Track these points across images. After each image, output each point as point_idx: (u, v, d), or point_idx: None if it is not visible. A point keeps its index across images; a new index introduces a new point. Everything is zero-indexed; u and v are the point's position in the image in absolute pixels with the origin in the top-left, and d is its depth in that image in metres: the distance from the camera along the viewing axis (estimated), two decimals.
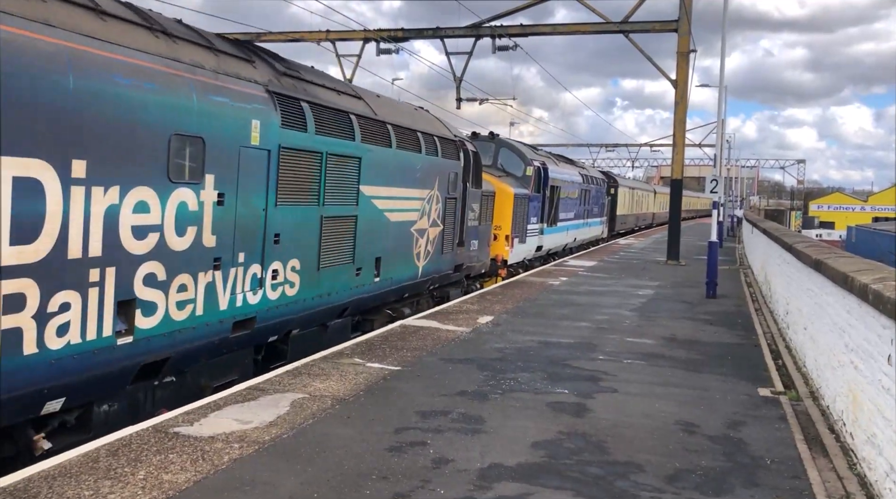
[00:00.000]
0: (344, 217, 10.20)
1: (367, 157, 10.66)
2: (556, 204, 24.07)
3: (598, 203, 32.74)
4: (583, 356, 9.69)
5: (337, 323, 10.72)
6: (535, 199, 21.62)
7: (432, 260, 13.70)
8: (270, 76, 8.85)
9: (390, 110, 12.23)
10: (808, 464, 6.02)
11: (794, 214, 74.32)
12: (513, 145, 21.76)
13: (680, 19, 23.47)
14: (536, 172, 21.48)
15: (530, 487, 5.29)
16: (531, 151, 22.66)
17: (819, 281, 8.63)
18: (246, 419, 6.46)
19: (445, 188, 13.98)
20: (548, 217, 23.18)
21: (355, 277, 10.67)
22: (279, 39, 28.30)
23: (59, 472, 5.14)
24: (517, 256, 20.32)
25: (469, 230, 15.79)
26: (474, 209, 16.06)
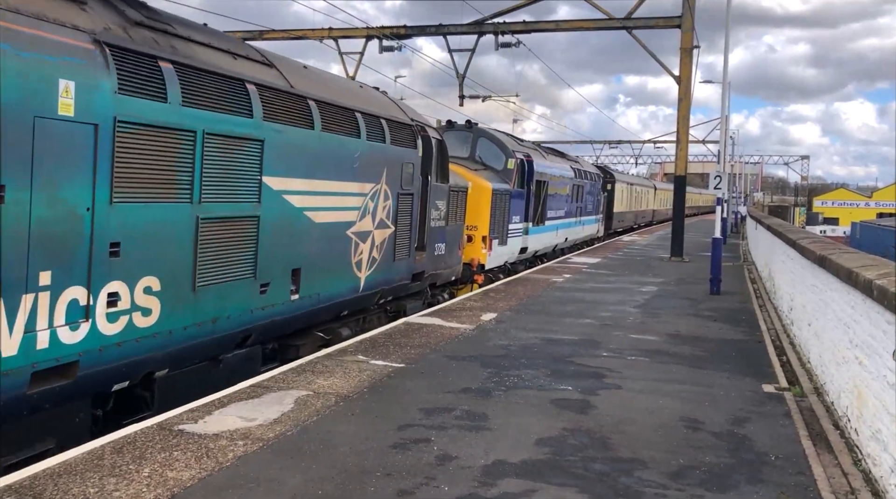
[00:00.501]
0: (237, 218, 7.72)
1: (275, 139, 8.23)
2: (544, 201, 21.72)
3: (592, 200, 30.40)
4: (587, 353, 9.68)
5: (237, 355, 8.31)
6: (519, 195, 19.43)
7: (380, 269, 11.26)
8: (109, 23, 6.36)
9: (317, 84, 9.80)
10: (812, 460, 6.01)
11: (797, 210, 74.16)
12: (493, 136, 19.43)
13: (683, 15, 23.43)
14: (519, 165, 19.35)
15: (534, 483, 5.29)
16: (514, 143, 20.43)
17: (823, 277, 8.61)
18: (250, 417, 6.48)
19: (398, 182, 11.55)
20: (534, 215, 20.80)
21: (259, 296, 8.23)
22: (282, 37, 28.33)
23: (64, 469, 5.16)
24: (496, 259, 18.18)
25: (433, 232, 13.36)
26: (439, 207, 13.70)
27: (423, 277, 13.23)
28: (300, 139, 8.86)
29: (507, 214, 18.40)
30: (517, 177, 19.21)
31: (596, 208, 31.47)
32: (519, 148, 20.05)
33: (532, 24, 26.10)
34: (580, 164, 30.07)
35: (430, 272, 13.61)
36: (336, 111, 9.86)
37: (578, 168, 28.07)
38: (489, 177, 17.73)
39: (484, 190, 17.01)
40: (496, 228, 17.68)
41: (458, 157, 17.64)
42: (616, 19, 24.38)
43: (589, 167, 32.11)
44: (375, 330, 10.83)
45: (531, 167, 20.21)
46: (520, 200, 19.56)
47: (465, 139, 19.01)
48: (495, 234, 17.66)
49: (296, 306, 9.08)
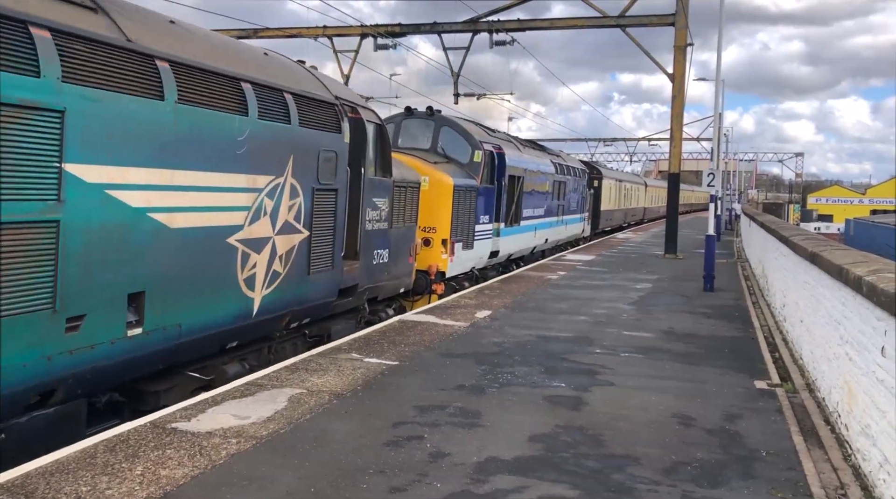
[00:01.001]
0: (9, 225, 5.29)
1: (88, 111, 5.86)
2: (519, 198, 19.40)
3: (577, 197, 28.13)
4: (580, 350, 9.71)
5: (34, 419, 5.81)
6: (488, 192, 17.15)
7: (287, 285, 8.73)
8: None
9: (175, 40, 7.22)
10: (803, 456, 6.05)
11: (792, 207, 74.41)
12: (457, 125, 16.99)
13: (677, 13, 23.47)
14: (488, 157, 17.12)
15: (527, 480, 5.31)
16: (483, 133, 18.06)
17: (815, 274, 8.65)
18: (244, 415, 6.48)
19: (312, 175, 9.04)
20: (507, 214, 18.65)
21: (63, 336, 5.79)
22: (276, 35, 28.30)
23: (56, 468, 5.16)
24: (461, 265, 15.92)
25: (370, 236, 10.98)
26: (380, 206, 11.30)
27: (355, 291, 10.61)
28: (141, 113, 6.41)
29: (474, 213, 16.20)
30: (486, 171, 16.98)
31: (581, 206, 29.28)
32: (488, 139, 17.79)
33: (526, 22, 26.11)
34: (562, 158, 27.77)
35: (368, 285, 11.12)
36: (206, 78, 7.33)
37: (560, 163, 25.74)
38: (452, 171, 15.57)
39: (444, 186, 14.82)
40: (460, 229, 15.45)
41: (418, 148, 15.94)
42: (610, 17, 24.41)
43: (573, 162, 29.92)
44: (369, 328, 10.83)
45: (502, 160, 18.02)
46: (489, 197, 17.31)
47: (426, 128, 16.69)
48: (458, 236, 15.40)
49: (138, 344, 6.59)
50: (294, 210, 8.83)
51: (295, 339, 9.83)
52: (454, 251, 15.17)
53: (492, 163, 17.45)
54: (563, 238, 26.65)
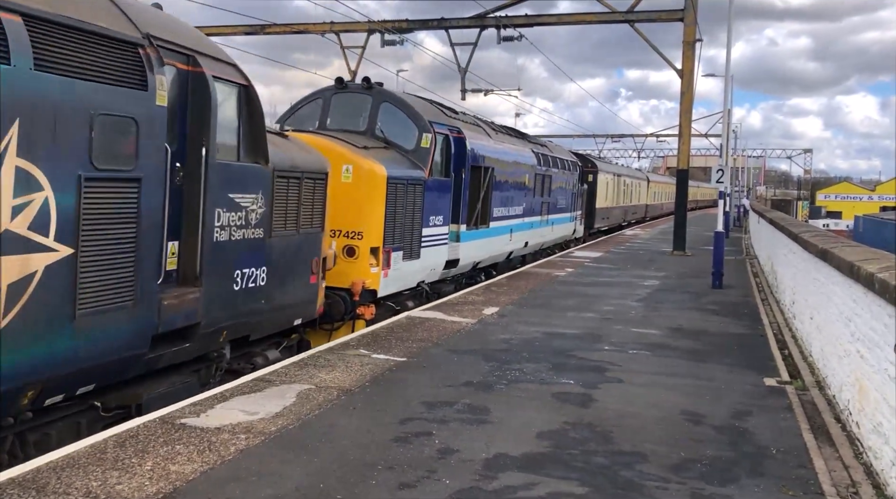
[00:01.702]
0: None
1: None
2: (488, 194, 16.06)
3: (566, 193, 24.76)
4: (588, 347, 9.69)
5: None
6: (441, 186, 13.64)
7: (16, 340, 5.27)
8: None
9: None
10: (813, 453, 6.02)
11: (800, 203, 74.07)
12: (402, 101, 13.41)
13: (686, 8, 23.36)
14: (442, 143, 13.67)
15: (536, 477, 5.30)
16: (439, 113, 14.52)
17: (825, 270, 8.61)
18: (252, 410, 6.50)
19: (79, 154, 5.69)
20: (470, 214, 15.15)
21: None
22: (284, 31, 28.32)
23: (67, 463, 5.18)
24: (401, 280, 12.37)
25: (226, 250, 7.56)
26: (245, 205, 7.77)
27: (195, 333, 7.23)
28: None
29: (421, 213, 12.75)
30: (439, 160, 13.60)
31: (572, 204, 25.91)
32: (445, 120, 14.27)
33: (534, 17, 26.05)
34: (548, 148, 24.01)
35: (225, 323, 7.70)
36: None
37: (545, 153, 22.17)
38: (389, 159, 12.09)
39: (373, 178, 11.33)
40: (399, 234, 12.05)
41: (351, 131, 12.57)
42: (618, 13, 24.33)
43: (561, 153, 26.02)
44: (376, 325, 10.83)
45: (462, 147, 14.42)
46: (443, 192, 13.74)
47: (362, 105, 13.08)
48: (397, 243, 11.97)
49: None
50: (26, 214, 5.28)
51: (63, 420, 6.29)
52: (390, 263, 11.75)
53: (447, 150, 13.94)
54: (548, 240, 23.32)
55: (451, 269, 14.61)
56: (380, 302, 11.86)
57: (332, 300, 10.68)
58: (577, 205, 26.97)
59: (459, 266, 15.00)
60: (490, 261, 17.54)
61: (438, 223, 13.62)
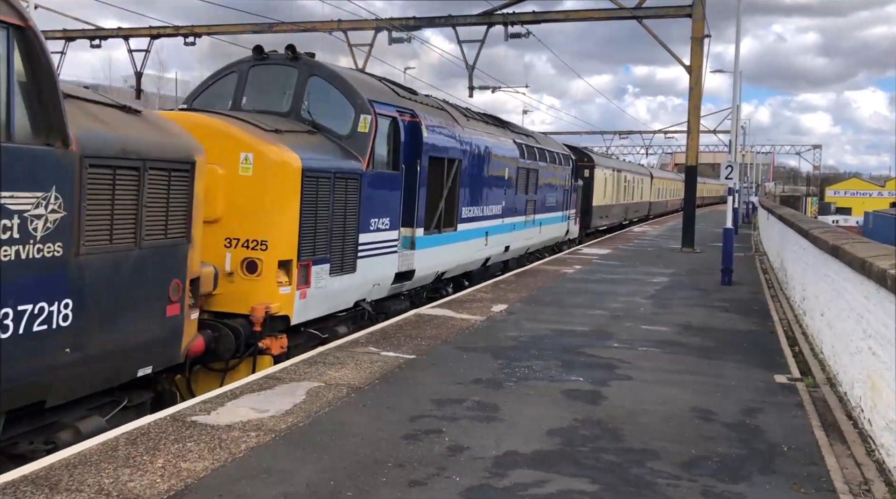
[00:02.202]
0: None
1: None
2: (454, 191, 13.47)
3: (557, 190, 22.10)
4: (597, 344, 9.67)
5: None
6: (386, 181, 10.91)
7: None
8: None
9: None
10: (825, 450, 5.99)
11: (810, 200, 73.67)
12: (335, 75, 10.54)
13: (694, 4, 23.27)
14: (389, 128, 11.02)
15: (546, 474, 5.30)
16: (384, 90, 11.69)
17: (836, 267, 8.56)
18: (262, 408, 6.51)
19: None
20: (430, 215, 12.51)
21: None
22: (291, 30, 28.36)
23: (79, 460, 5.21)
24: (329, 300, 9.67)
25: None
26: (16, 211, 5.26)
27: None
28: None
29: (357, 214, 10.06)
30: (387, 149, 11.01)
31: (564, 202, 23.26)
32: (393, 100, 11.53)
33: (542, 14, 26.02)
34: (535, 139, 20.97)
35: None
36: None
37: (531, 145, 19.41)
38: (312, 146, 9.51)
39: (281, 169, 8.69)
40: (324, 242, 9.36)
41: (270, 111, 10.12)
42: (626, 9, 24.26)
43: (551, 145, 23.03)
44: (386, 322, 10.83)
45: (417, 134, 11.77)
46: (391, 189, 11.08)
47: (286, 80, 10.47)
48: (322, 253, 9.33)
49: None
50: None
51: None
52: (310, 280, 9.12)
53: (395, 137, 11.17)
54: (536, 243, 20.60)
55: (403, 282, 11.80)
56: (299, 329, 9.24)
57: (219, 333, 8.08)
58: (570, 203, 24.40)
59: (415, 278, 12.12)
60: (459, 270, 14.74)
61: (383, 227, 10.85)
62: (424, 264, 12.38)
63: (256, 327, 8.37)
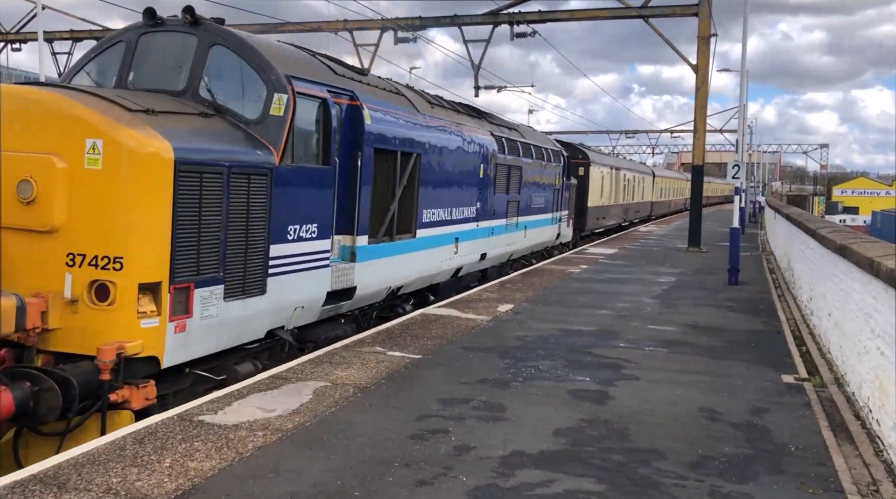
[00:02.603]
0: None
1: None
2: (413, 191, 11.48)
3: (546, 189, 20.04)
4: (604, 344, 9.66)
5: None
6: (311, 178, 8.83)
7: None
8: None
9: None
10: (833, 451, 5.97)
11: (817, 199, 73.39)
12: (243, 44, 8.40)
13: (700, 3, 23.20)
14: (317, 112, 8.95)
15: (553, 474, 5.30)
16: (311, 65, 9.46)
17: (844, 266, 8.53)
18: (269, 407, 6.53)
19: None
20: (377, 220, 10.33)
21: None
22: (297, 30, 28.40)
23: (87, 459, 5.23)
24: (224, 332, 7.51)
25: None
26: None
27: None
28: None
29: (267, 219, 7.93)
30: (314, 137, 8.94)
31: (554, 202, 21.21)
32: (324, 78, 9.31)
33: (547, 13, 25.98)
34: (520, 133, 18.82)
35: None
36: None
37: (512, 139, 17.23)
38: (198, 132, 7.43)
39: (142, 161, 6.61)
40: (213, 256, 7.25)
41: (162, 90, 7.99)
42: (632, 7, 24.21)
43: (539, 139, 20.72)
44: (392, 322, 10.84)
45: (358, 119, 9.59)
46: (319, 188, 8.93)
47: (183, 50, 8.33)
48: (211, 272, 7.20)
49: None
50: None
51: None
52: (192, 308, 6.93)
53: (326, 123, 9.00)
54: (521, 249, 18.46)
55: (340, 302, 9.63)
56: (183, 371, 7.20)
57: (40, 387, 6.05)
58: (561, 203, 22.21)
59: (357, 297, 9.94)
60: (422, 283, 12.54)
61: (308, 235, 8.70)
62: (370, 279, 10.19)
63: (104, 375, 6.25)
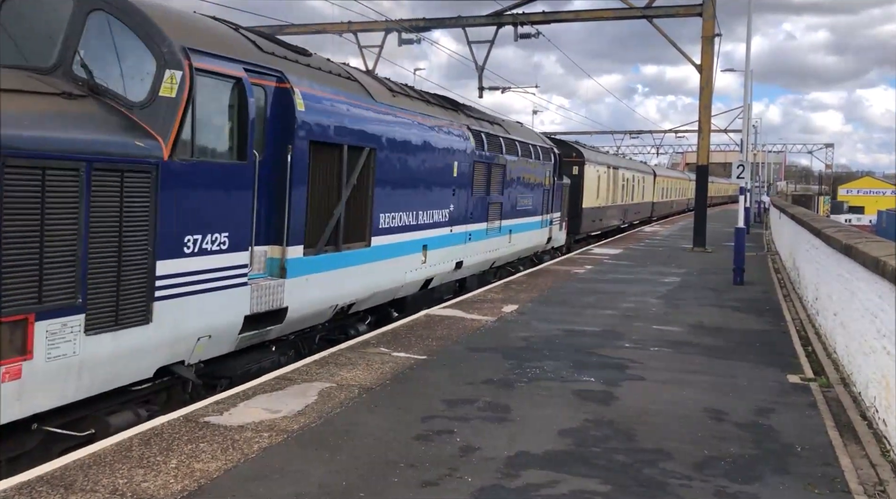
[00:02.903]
0: None
1: None
2: (365, 191, 9.92)
3: (534, 189, 18.36)
4: (609, 344, 9.65)
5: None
6: (222, 176, 7.17)
7: None
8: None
9: None
10: (839, 451, 5.96)
11: (822, 199, 73.13)
12: (130, 9, 6.59)
13: (704, 3, 23.18)
14: (231, 95, 7.34)
15: (558, 474, 5.29)
16: (225, 37, 7.79)
17: (849, 266, 8.50)
18: (275, 408, 6.54)
19: None
20: (315, 227, 8.79)
21: None
22: (302, 32, 28.45)
23: (93, 461, 5.24)
24: (89, 375, 5.84)
25: None
26: None
27: None
28: None
29: (149, 228, 6.29)
30: (224, 126, 7.37)
31: (544, 204, 19.51)
32: (235, 52, 7.66)
33: (551, 14, 25.97)
34: (504, 127, 17.07)
35: None
36: None
37: (493, 133, 15.51)
38: (46, 116, 5.72)
39: None
40: (65, 278, 5.55)
41: (27, 67, 6.40)
42: (636, 8, 24.18)
43: (524, 135, 18.74)
44: (397, 322, 10.85)
45: (286, 106, 8.12)
46: (231, 190, 7.35)
47: (54, 18, 6.72)
48: (61, 298, 5.54)
49: None
50: None
51: None
52: (31, 344, 5.39)
53: (242, 108, 7.40)
54: (504, 255, 16.76)
55: (267, 326, 8.00)
56: (30, 427, 5.71)
57: None
58: (552, 205, 20.40)
59: (290, 320, 8.34)
60: (381, 298, 10.85)
61: (216, 247, 7.05)
62: (308, 297, 8.60)
63: None
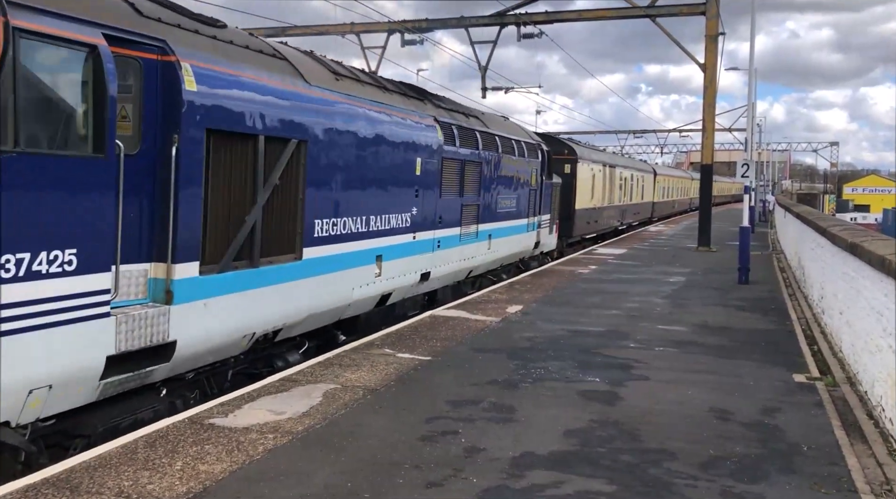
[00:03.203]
0: None
1: None
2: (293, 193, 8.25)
3: (519, 189, 16.82)
4: (613, 344, 9.63)
5: None
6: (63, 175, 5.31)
7: None
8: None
9: None
10: (846, 450, 5.93)
11: (827, 197, 72.96)
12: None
13: (708, 2, 23.13)
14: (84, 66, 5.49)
15: (563, 475, 5.28)
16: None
17: (855, 265, 8.47)
18: (280, 410, 6.54)
19: None
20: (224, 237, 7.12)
21: None
22: (305, 33, 28.49)
23: (99, 463, 5.25)
24: None
25: None
26: None
27: None
28: None
29: None
30: (80, 109, 5.51)
31: (531, 205, 17.88)
32: (89, 11, 5.64)
33: (554, 14, 25.95)
34: (482, 121, 15.32)
35: None
36: None
37: (467, 127, 13.79)
38: None
39: None
40: None
41: None
42: (639, 7, 24.15)
43: (506, 129, 16.84)
44: (401, 323, 10.85)
45: (173, 81, 6.36)
46: (78, 193, 5.43)
47: None
48: None
49: None
50: None
51: None
52: None
53: (99, 85, 5.58)
54: (483, 263, 15.08)
55: (147, 367, 6.34)
56: None
57: None
58: (540, 206, 18.74)
59: (180, 357, 6.67)
60: (319, 320, 9.18)
61: (57, 268, 5.36)
62: (207, 327, 6.96)
63: None
